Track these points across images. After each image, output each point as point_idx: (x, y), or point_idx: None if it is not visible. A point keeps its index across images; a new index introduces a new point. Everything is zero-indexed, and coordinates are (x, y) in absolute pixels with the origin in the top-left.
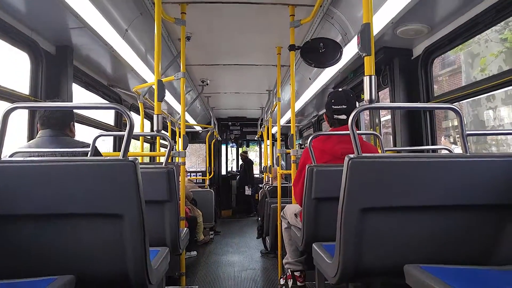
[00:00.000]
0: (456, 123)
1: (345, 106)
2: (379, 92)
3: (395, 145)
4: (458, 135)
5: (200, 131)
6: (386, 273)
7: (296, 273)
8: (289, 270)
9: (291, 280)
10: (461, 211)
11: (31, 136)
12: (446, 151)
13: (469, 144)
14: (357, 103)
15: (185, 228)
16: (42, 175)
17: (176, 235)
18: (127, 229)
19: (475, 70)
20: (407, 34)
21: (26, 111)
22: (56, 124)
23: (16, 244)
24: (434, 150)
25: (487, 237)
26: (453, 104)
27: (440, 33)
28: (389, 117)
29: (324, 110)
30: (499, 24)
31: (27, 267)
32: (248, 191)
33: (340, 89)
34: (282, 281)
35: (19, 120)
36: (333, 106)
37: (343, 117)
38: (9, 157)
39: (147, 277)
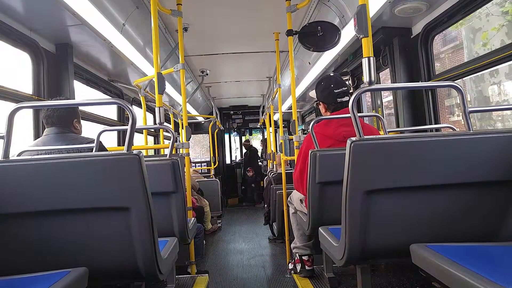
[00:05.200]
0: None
1: (345, 88)
2: (380, 73)
3: (398, 126)
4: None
5: (202, 122)
6: (393, 253)
7: (304, 257)
8: (297, 255)
9: (300, 264)
10: (465, 189)
11: (37, 134)
12: (450, 130)
13: (473, 120)
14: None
15: (193, 218)
16: (49, 172)
17: (184, 225)
18: (134, 221)
19: (477, 45)
20: (406, 12)
21: (30, 111)
22: (60, 121)
23: (29, 240)
24: (437, 129)
25: (492, 213)
26: (456, 81)
27: (439, 9)
28: (391, 98)
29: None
30: None
31: (41, 262)
32: (249, 172)
33: (331, 74)
34: (290, 266)
35: (25, 119)
36: (335, 91)
37: (346, 98)
38: (17, 156)
39: (157, 267)
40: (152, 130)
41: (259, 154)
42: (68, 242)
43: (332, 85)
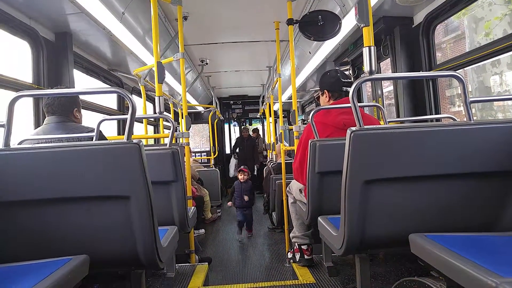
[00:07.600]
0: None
1: (350, 80)
2: (381, 63)
3: (398, 116)
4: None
5: (202, 111)
6: (391, 243)
7: (303, 247)
8: (296, 244)
9: (299, 253)
10: (465, 179)
11: (37, 123)
12: (450, 120)
13: (474, 111)
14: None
15: (193, 207)
16: (50, 161)
17: (184, 214)
18: (134, 210)
19: (479, 35)
20: (407, 1)
21: (31, 100)
22: (61, 110)
23: (30, 228)
24: (438, 119)
25: (491, 204)
26: (457, 71)
27: None
28: (391, 88)
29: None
30: None
31: (43, 249)
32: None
33: (336, 68)
34: (289, 255)
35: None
36: (342, 79)
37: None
38: (17, 144)
39: (157, 255)
40: (152, 119)
41: (260, 144)
42: (69, 230)
43: (339, 74)
